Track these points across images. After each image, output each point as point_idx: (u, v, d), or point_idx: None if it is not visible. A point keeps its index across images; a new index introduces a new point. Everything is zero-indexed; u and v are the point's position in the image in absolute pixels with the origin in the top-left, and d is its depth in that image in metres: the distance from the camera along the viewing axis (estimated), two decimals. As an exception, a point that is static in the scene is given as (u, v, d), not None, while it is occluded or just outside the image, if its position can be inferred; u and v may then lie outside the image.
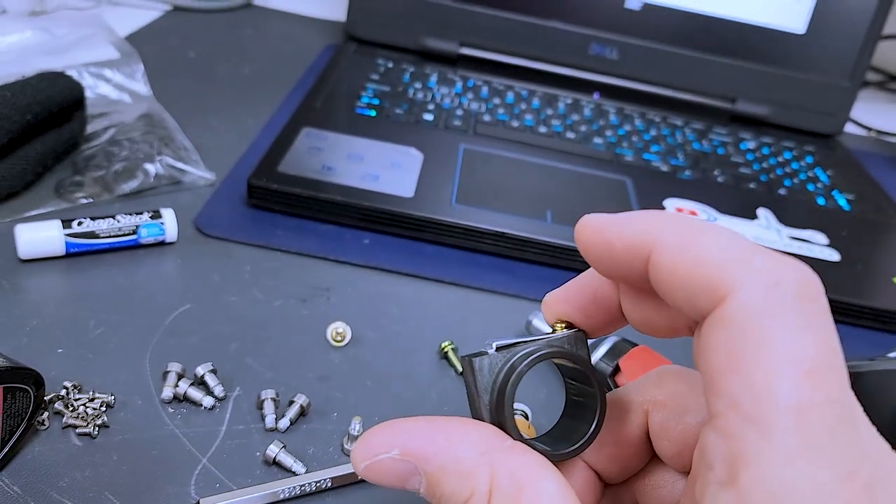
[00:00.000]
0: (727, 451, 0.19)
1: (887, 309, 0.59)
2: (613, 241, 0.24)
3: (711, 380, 0.20)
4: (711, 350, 0.20)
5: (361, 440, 0.25)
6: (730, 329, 0.20)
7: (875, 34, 0.86)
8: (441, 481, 0.24)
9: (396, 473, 0.25)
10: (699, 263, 0.21)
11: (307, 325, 0.49)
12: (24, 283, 0.48)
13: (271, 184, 0.57)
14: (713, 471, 0.20)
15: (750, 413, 0.19)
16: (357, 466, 0.25)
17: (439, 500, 0.24)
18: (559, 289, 0.28)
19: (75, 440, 0.39)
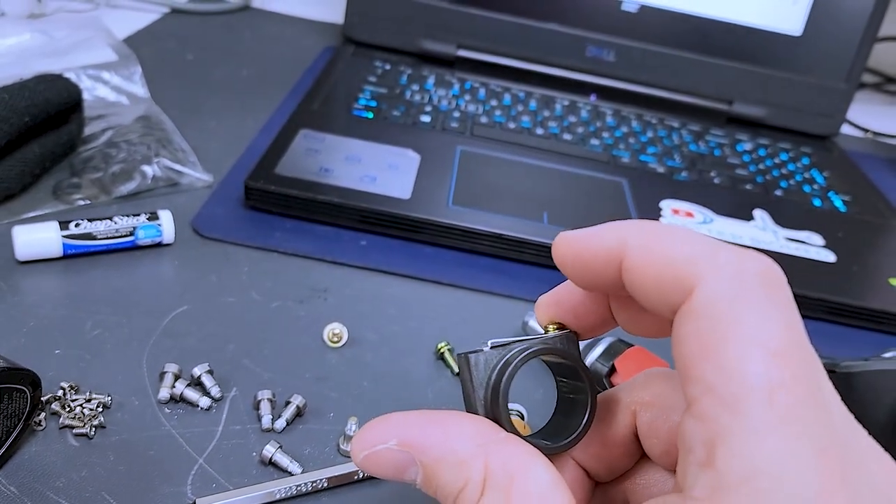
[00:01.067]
0: (704, 433, 0.20)
1: (883, 310, 0.59)
2: (585, 253, 0.25)
3: (685, 368, 0.21)
4: (683, 340, 0.21)
5: (360, 432, 0.26)
6: (699, 318, 0.21)
7: (871, 36, 0.86)
8: (437, 472, 0.24)
9: (394, 464, 0.25)
10: (667, 262, 0.22)
11: (304, 326, 0.49)
12: (22, 285, 0.49)
13: (268, 185, 0.58)
14: (692, 453, 0.20)
15: (723, 395, 0.19)
16: (356, 457, 0.26)
17: (435, 490, 0.25)
18: (550, 292, 0.29)
19: (72, 441, 0.39)
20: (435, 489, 0.25)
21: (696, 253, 0.21)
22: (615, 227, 0.24)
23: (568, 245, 0.26)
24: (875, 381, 0.46)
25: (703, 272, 0.21)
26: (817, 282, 0.60)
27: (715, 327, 0.20)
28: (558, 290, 0.29)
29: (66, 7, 0.91)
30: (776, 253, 0.62)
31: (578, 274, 0.26)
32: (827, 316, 0.59)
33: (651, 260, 0.22)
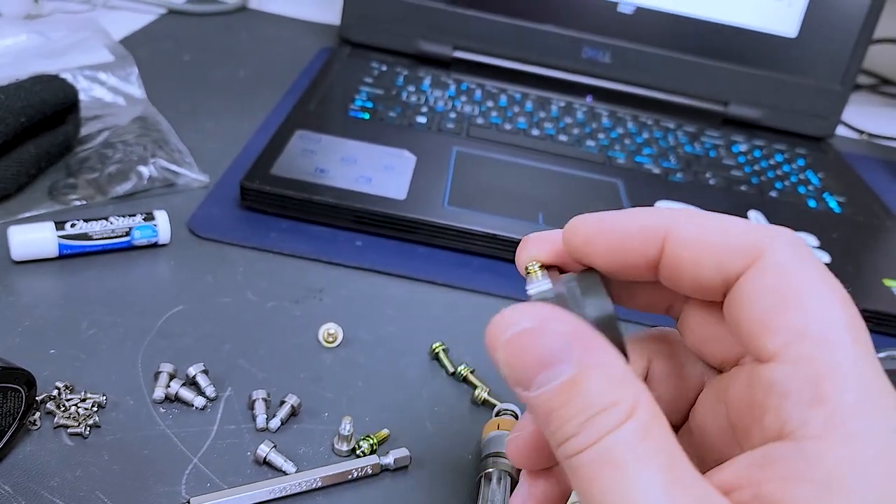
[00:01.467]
0: (804, 374, 0.21)
1: (878, 310, 0.59)
2: (618, 231, 0.26)
3: (763, 321, 0.22)
4: (757, 297, 0.23)
5: (512, 310, 0.23)
6: (777, 277, 0.23)
7: (866, 37, 0.86)
8: (591, 380, 0.22)
9: (548, 351, 0.22)
10: (725, 234, 0.24)
11: (299, 327, 0.49)
12: (17, 285, 0.49)
13: (264, 186, 0.58)
14: (791, 397, 0.21)
15: (818, 337, 0.21)
16: (502, 333, 0.23)
17: (569, 404, 0.22)
18: (542, 234, 0.29)
19: (67, 440, 0.39)
20: (570, 402, 0.22)
21: (747, 228, 0.24)
22: (649, 210, 0.26)
23: (596, 224, 0.26)
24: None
25: (766, 241, 0.23)
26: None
27: (791, 283, 0.22)
28: (551, 236, 0.29)
29: (62, 8, 0.91)
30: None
31: (603, 253, 0.26)
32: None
33: (706, 234, 0.24)
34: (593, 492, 0.21)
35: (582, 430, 0.21)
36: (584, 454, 0.21)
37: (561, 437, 0.22)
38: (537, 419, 0.23)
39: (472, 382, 0.47)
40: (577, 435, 0.22)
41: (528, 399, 0.23)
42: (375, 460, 0.40)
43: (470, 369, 0.48)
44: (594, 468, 0.21)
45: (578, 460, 0.21)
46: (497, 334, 0.23)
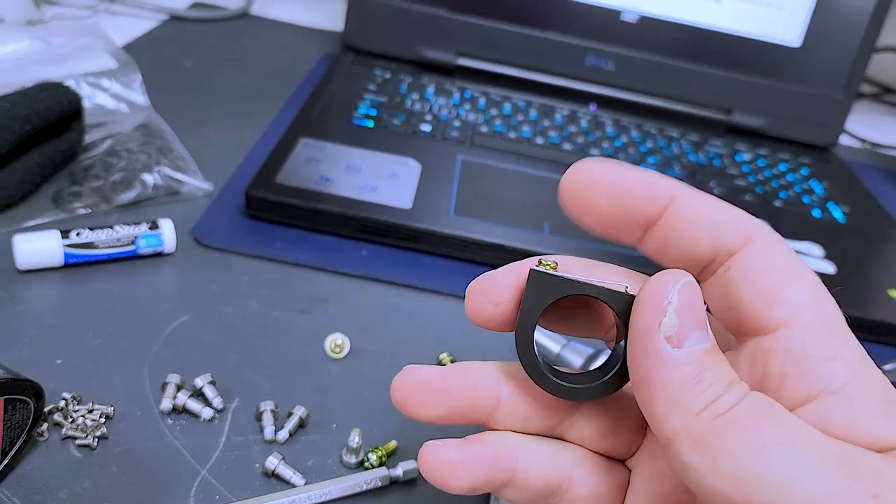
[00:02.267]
0: (818, 335, 0.24)
1: (883, 321, 0.59)
2: (624, 184, 0.26)
3: (770, 293, 0.24)
4: (761, 272, 0.25)
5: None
6: (774, 256, 0.25)
7: (869, 47, 0.86)
8: (720, 352, 0.24)
9: (703, 313, 0.24)
10: (722, 211, 0.25)
11: (305, 337, 0.49)
12: (23, 294, 0.48)
13: (269, 195, 0.57)
14: (811, 358, 0.24)
15: (818, 306, 0.24)
16: (677, 279, 0.24)
17: (719, 363, 0.24)
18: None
19: (75, 452, 0.39)
20: (717, 363, 0.23)
21: (740, 212, 0.26)
22: (656, 172, 0.26)
23: (608, 167, 0.26)
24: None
25: (757, 225, 0.25)
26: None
27: (786, 263, 0.25)
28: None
29: (64, 14, 0.91)
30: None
31: (607, 196, 0.26)
32: (827, 327, 0.59)
33: (706, 207, 0.26)
34: (748, 445, 0.21)
35: (731, 388, 0.23)
36: (737, 409, 0.22)
37: (710, 395, 0.23)
38: (668, 383, 0.23)
39: (479, 393, 0.47)
40: (727, 393, 0.23)
41: (671, 357, 0.23)
42: (384, 472, 0.40)
43: (477, 380, 0.47)
44: (747, 423, 0.22)
45: (729, 417, 0.22)
46: (677, 277, 0.24)
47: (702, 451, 0.22)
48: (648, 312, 0.24)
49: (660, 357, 0.23)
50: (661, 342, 0.23)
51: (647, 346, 0.23)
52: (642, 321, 0.24)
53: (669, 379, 0.23)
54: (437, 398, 0.27)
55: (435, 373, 0.27)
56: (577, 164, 0.26)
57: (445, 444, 0.27)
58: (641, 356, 0.24)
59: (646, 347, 0.23)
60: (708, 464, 0.22)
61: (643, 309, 0.24)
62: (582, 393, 0.26)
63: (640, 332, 0.24)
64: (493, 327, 0.28)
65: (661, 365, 0.23)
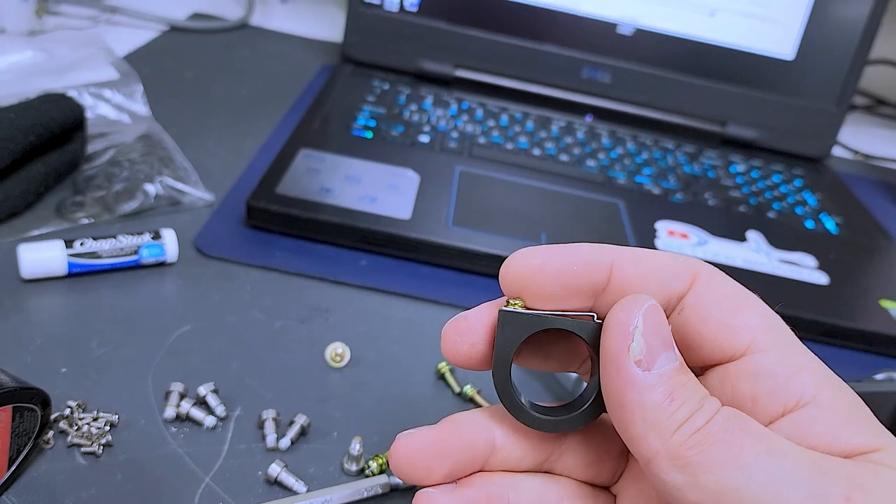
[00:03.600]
0: (779, 356, 0.25)
1: (875, 331, 0.60)
2: (571, 257, 0.27)
3: (726, 324, 0.26)
4: (714, 307, 0.26)
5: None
6: (720, 290, 0.26)
7: (861, 60, 0.87)
8: (687, 369, 0.25)
9: (669, 333, 0.25)
10: (662, 261, 0.27)
11: (306, 346, 0.50)
12: (27, 303, 0.49)
13: (270, 205, 0.58)
14: (778, 376, 0.25)
15: (772, 328, 0.26)
16: (641, 302, 0.25)
17: (690, 382, 0.24)
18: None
19: (80, 459, 0.40)
20: (688, 382, 0.24)
21: (678, 255, 0.27)
22: (588, 244, 0.27)
23: (548, 251, 0.27)
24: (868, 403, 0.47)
25: (697, 265, 0.27)
26: (810, 304, 0.61)
27: (733, 294, 0.26)
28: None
29: (66, 24, 0.91)
30: (769, 275, 0.63)
31: (554, 276, 0.26)
32: (820, 337, 0.60)
33: (647, 260, 0.27)
34: (726, 459, 0.22)
35: (704, 404, 0.24)
36: (711, 424, 0.23)
37: (684, 414, 0.23)
38: (643, 405, 0.24)
39: (477, 402, 0.48)
40: (701, 409, 0.23)
41: (642, 380, 0.24)
42: (385, 480, 0.41)
43: (476, 389, 0.48)
44: (723, 437, 0.23)
45: (705, 433, 0.23)
46: (639, 302, 0.25)
47: (681, 468, 0.23)
48: (616, 338, 0.24)
49: (632, 381, 0.24)
50: (631, 366, 0.24)
51: (619, 372, 0.24)
52: (611, 347, 0.24)
53: (643, 401, 0.24)
54: (438, 460, 0.27)
55: (431, 435, 0.27)
56: (514, 258, 0.27)
57: (438, 490, 0.27)
58: (614, 382, 0.24)
59: (617, 373, 0.24)
60: (688, 480, 0.23)
61: (611, 336, 0.25)
62: (563, 424, 0.27)
63: (611, 358, 0.24)
64: (470, 366, 0.28)
65: (634, 388, 0.24)
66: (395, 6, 0.88)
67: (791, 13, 0.87)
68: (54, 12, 0.93)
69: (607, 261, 0.27)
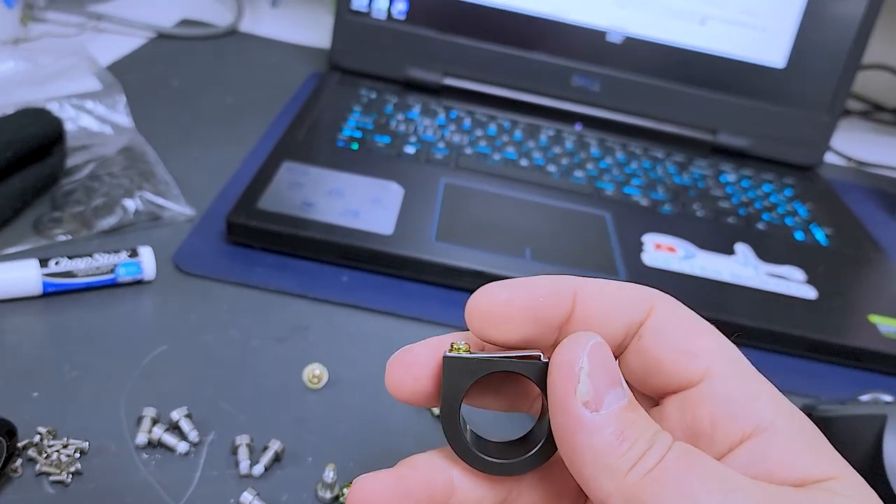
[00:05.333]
0: (735, 382, 0.25)
1: (863, 348, 0.59)
2: (534, 291, 0.26)
3: (683, 351, 0.26)
4: (670, 335, 0.26)
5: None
6: (676, 319, 0.26)
7: (853, 68, 0.87)
8: (638, 405, 0.25)
9: (615, 370, 0.24)
10: (622, 290, 0.27)
11: (284, 367, 0.49)
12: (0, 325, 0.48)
13: (250, 221, 0.57)
14: (736, 401, 0.25)
15: (725, 353, 0.26)
16: (586, 340, 0.24)
17: (640, 419, 0.24)
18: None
19: (48, 488, 0.39)
20: (638, 420, 0.24)
21: (636, 286, 0.27)
22: (552, 276, 0.27)
23: (511, 287, 0.26)
24: (851, 426, 0.47)
25: (654, 295, 0.27)
26: (798, 319, 0.60)
27: (687, 322, 0.26)
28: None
29: (51, 31, 0.91)
30: (757, 289, 0.63)
31: (520, 311, 0.26)
32: (807, 353, 0.60)
33: (608, 290, 0.27)
34: (679, 498, 0.22)
35: (655, 442, 0.23)
36: (663, 463, 0.23)
37: (635, 454, 0.23)
38: (593, 448, 0.23)
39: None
40: (652, 448, 0.23)
41: (591, 421, 0.23)
42: (358, 508, 0.40)
43: (455, 411, 0.47)
44: (675, 475, 0.22)
45: (658, 472, 0.23)
46: (583, 340, 0.24)
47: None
48: (562, 380, 0.24)
49: (580, 423, 0.23)
50: (579, 408, 0.23)
51: (567, 414, 0.24)
52: (558, 389, 0.24)
53: (593, 443, 0.23)
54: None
55: (389, 478, 0.27)
56: (480, 295, 0.26)
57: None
58: (563, 424, 0.24)
59: (566, 415, 0.24)
60: None
61: (557, 377, 0.24)
62: (516, 467, 0.27)
63: (558, 400, 0.24)
64: (414, 402, 0.28)
65: (583, 430, 0.23)
66: (382, 14, 0.87)
67: (782, 21, 0.86)
68: (40, 20, 0.92)
69: (570, 291, 0.26)
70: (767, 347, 0.60)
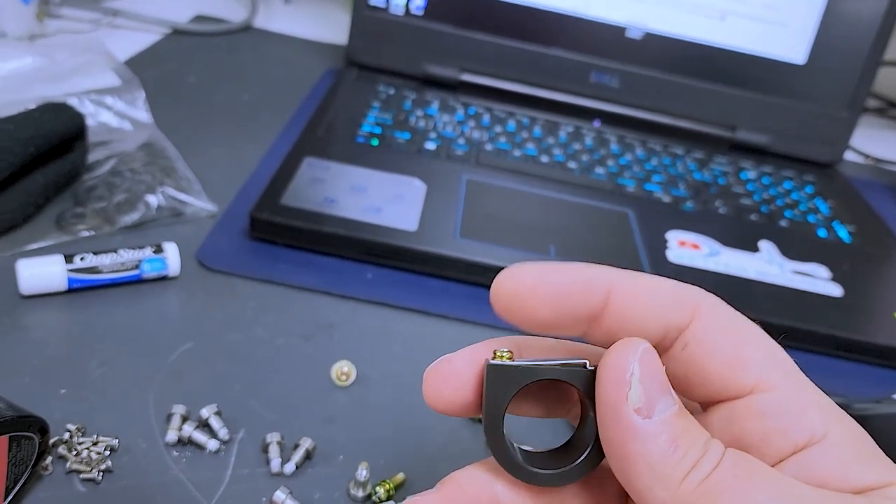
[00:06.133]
0: (788, 394, 0.24)
1: (890, 345, 0.59)
2: (567, 279, 0.25)
3: (734, 361, 0.24)
4: (719, 342, 0.25)
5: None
6: (727, 324, 0.25)
7: (874, 64, 0.86)
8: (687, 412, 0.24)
9: (665, 378, 0.24)
10: (662, 290, 0.25)
11: (311, 365, 0.49)
12: (26, 321, 0.48)
13: (274, 217, 0.57)
14: (789, 414, 0.24)
15: (778, 365, 0.25)
16: (636, 346, 0.24)
17: (691, 427, 0.23)
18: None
19: (79, 486, 0.39)
20: (690, 427, 0.23)
21: (679, 285, 0.26)
22: (588, 264, 0.26)
23: (543, 271, 0.25)
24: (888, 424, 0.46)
25: (700, 296, 0.25)
26: (825, 317, 0.60)
27: (738, 328, 0.25)
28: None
29: (67, 27, 0.90)
30: (783, 287, 0.62)
31: (548, 299, 0.25)
32: (834, 352, 0.59)
33: (647, 288, 0.25)
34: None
35: (709, 450, 0.23)
36: (718, 471, 0.22)
37: (689, 462, 0.22)
38: (646, 456, 0.23)
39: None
40: (706, 455, 0.23)
41: (644, 429, 0.23)
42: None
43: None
44: (732, 484, 0.22)
45: (714, 480, 0.22)
46: (634, 347, 0.24)
47: None
48: (613, 387, 0.23)
49: (633, 431, 0.23)
50: (631, 415, 0.23)
51: (619, 422, 0.23)
52: (609, 397, 0.23)
53: (647, 451, 0.23)
54: None
55: (437, 501, 0.26)
56: (505, 274, 0.25)
57: None
58: (614, 432, 0.23)
59: (618, 423, 0.23)
60: None
61: (607, 384, 0.23)
62: (561, 477, 0.26)
63: (609, 407, 0.23)
64: (453, 413, 0.27)
65: (636, 438, 0.23)
66: (400, 9, 0.87)
67: (803, 17, 0.85)
68: (55, 16, 0.91)
69: (604, 284, 0.25)
70: (794, 345, 0.59)
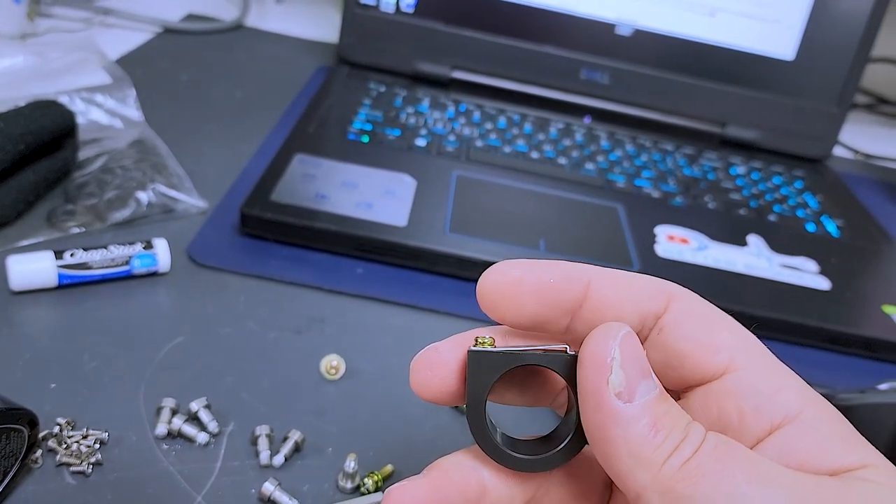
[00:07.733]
0: (760, 374, 0.25)
1: (877, 338, 0.59)
2: (549, 274, 0.26)
3: (705, 345, 0.26)
4: (692, 328, 0.26)
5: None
6: (698, 312, 0.26)
7: (862, 60, 0.87)
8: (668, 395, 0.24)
9: (646, 360, 0.24)
10: (637, 282, 0.27)
11: (301, 358, 0.49)
12: (17, 316, 0.48)
13: (264, 213, 0.57)
14: (762, 394, 0.25)
15: (748, 347, 0.26)
16: (616, 330, 0.24)
17: (672, 409, 0.24)
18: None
19: (69, 479, 0.39)
20: (671, 410, 0.24)
21: (653, 278, 0.27)
22: (566, 262, 0.27)
23: (526, 267, 0.26)
24: (872, 414, 0.47)
25: (672, 287, 0.27)
26: (812, 310, 0.60)
27: (709, 315, 0.26)
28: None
29: (58, 27, 0.90)
30: (771, 280, 0.63)
31: (532, 293, 0.26)
32: (821, 344, 0.60)
33: (623, 280, 0.27)
34: (718, 491, 0.22)
35: (690, 432, 0.23)
36: (699, 454, 0.22)
37: (671, 445, 0.23)
38: (627, 439, 0.23)
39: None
40: (687, 438, 0.23)
41: (625, 413, 0.23)
42: (380, 497, 0.40)
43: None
44: (713, 467, 0.22)
45: (695, 464, 0.22)
46: (614, 331, 0.24)
47: (672, 501, 0.22)
48: (594, 371, 0.23)
49: (614, 415, 0.23)
50: (612, 399, 0.23)
51: (600, 406, 0.23)
52: (589, 381, 0.24)
53: (628, 435, 0.23)
54: None
55: (424, 487, 0.26)
56: (492, 271, 0.26)
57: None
58: (596, 416, 0.23)
59: (599, 407, 0.23)
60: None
61: (588, 369, 0.24)
62: (545, 463, 0.26)
63: (590, 392, 0.23)
64: (440, 401, 0.27)
65: (617, 422, 0.23)
66: (391, 7, 0.87)
67: (791, 13, 0.86)
68: (47, 15, 0.92)
69: (584, 278, 0.26)
70: (782, 338, 0.60)
